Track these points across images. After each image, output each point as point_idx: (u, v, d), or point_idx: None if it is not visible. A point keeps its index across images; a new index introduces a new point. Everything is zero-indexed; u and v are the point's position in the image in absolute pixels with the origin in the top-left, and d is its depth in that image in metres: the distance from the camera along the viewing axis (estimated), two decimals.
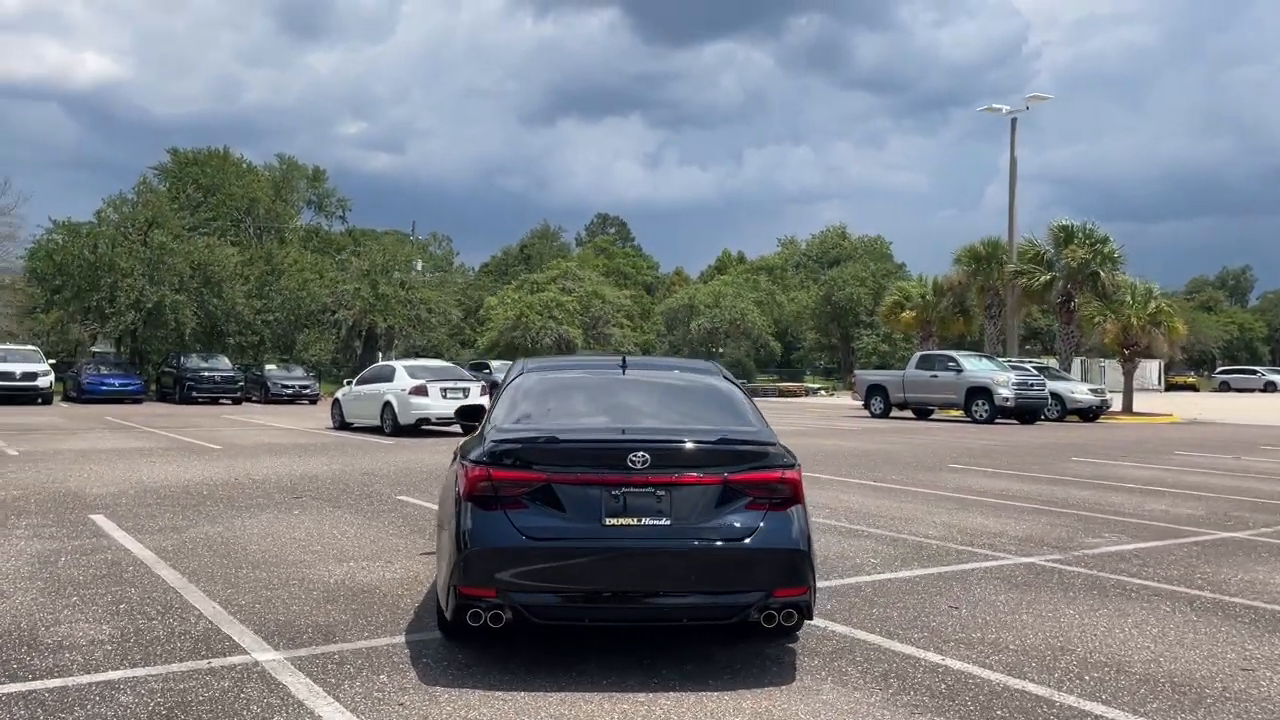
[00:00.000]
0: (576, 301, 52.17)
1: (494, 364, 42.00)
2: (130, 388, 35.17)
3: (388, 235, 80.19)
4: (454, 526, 4.92)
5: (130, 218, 40.36)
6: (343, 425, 22.34)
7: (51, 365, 34.29)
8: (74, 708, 4.36)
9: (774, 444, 5.07)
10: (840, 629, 5.87)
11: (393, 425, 20.39)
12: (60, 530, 8.74)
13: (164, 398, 36.97)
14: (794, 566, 4.85)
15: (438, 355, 44.84)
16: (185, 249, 39.28)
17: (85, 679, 4.74)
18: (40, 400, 32.59)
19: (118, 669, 4.89)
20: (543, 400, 5.65)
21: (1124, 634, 5.88)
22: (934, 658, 5.33)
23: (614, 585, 4.75)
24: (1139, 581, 7.34)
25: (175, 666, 4.95)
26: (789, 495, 4.95)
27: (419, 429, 20.41)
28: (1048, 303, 37.97)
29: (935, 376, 29.91)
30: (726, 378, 6.05)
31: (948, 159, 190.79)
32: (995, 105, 37.72)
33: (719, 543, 4.80)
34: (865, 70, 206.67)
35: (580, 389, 5.86)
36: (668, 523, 4.79)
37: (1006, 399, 28.00)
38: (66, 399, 35.12)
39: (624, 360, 6.10)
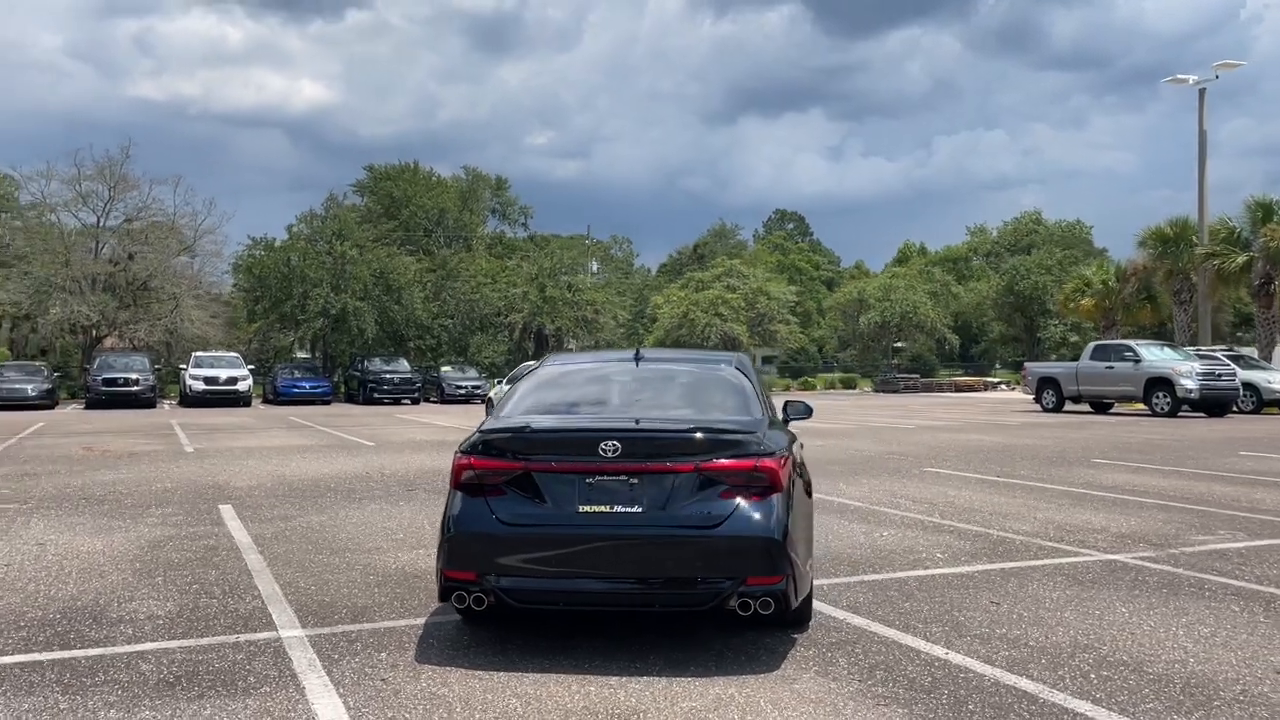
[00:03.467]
0: (741, 299, 52.10)
1: None
2: (319, 390, 37.66)
3: (570, 239, 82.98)
4: (443, 513, 5.17)
5: (319, 231, 43.16)
6: None
7: (251, 370, 37.17)
8: (98, 673, 4.85)
9: (752, 433, 5.06)
10: (858, 621, 5.78)
11: None
12: (186, 518, 9.56)
13: (350, 399, 39.39)
14: (768, 555, 4.83)
15: None
16: (367, 259, 41.69)
17: (123, 649, 5.25)
18: (241, 403, 35.35)
19: (156, 641, 5.39)
20: (548, 392, 5.84)
21: (1166, 633, 5.52)
22: (938, 651, 5.18)
23: (585, 572, 4.88)
24: (1222, 580, 6.84)
25: (207, 640, 5.41)
26: (766, 483, 4.93)
27: None
28: (1245, 286, 35.14)
29: (1111, 368, 28.25)
30: (740, 369, 6.06)
31: (1158, 136, 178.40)
32: (1180, 76, 35.21)
33: (690, 530, 4.84)
34: (1061, 47, 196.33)
35: (588, 382, 6.02)
36: (640, 510, 4.88)
37: (1190, 390, 26.15)
38: (264, 401, 37.95)
39: (638, 353, 6.22)
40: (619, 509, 4.88)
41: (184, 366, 36.90)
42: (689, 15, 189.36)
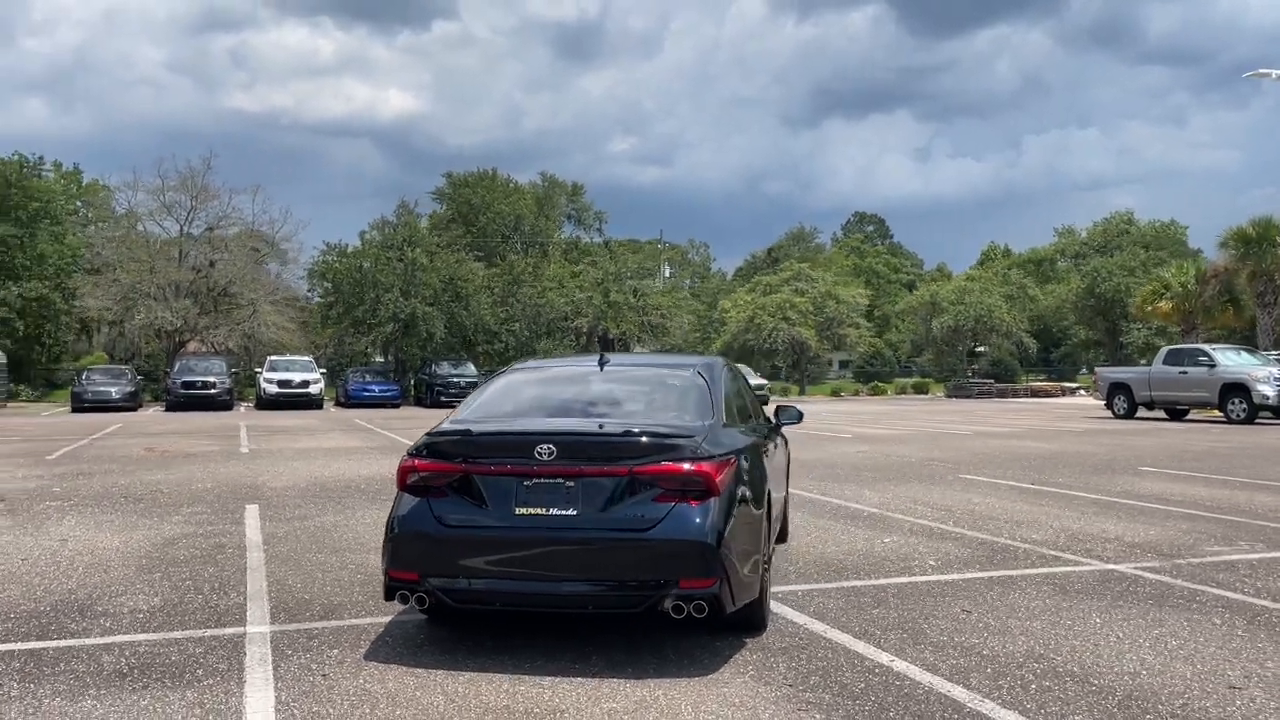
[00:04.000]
0: (810, 302, 51.63)
1: None
2: (388, 393, 38.46)
3: (646, 245, 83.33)
4: (389, 514, 5.29)
5: (390, 238, 44.10)
6: None
7: (324, 373, 38.13)
8: (60, 663, 5.08)
9: (690, 436, 5.07)
10: (816, 627, 5.74)
11: None
12: (210, 517, 9.89)
13: (419, 402, 40.14)
14: (700, 558, 4.84)
15: None
16: (436, 265, 42.46)
17: (94, 641, 5.48)
18: (313, 405, 36.27)
19: (129, 634, 5.62)
20: (505, 396, 5.94)
21: (1130, 645, 5.38)
22: (883, 659, 5.13)
23: (520, 574, 4.95)
24: (1218, 592, 6.61)
25: (177, 634, 5.62)
26: (702, 487, 4.94)
27: None
28: None
29: (1185, 373, 27.30)
30: (703, 373, 6.06)
31: (1262, 133, 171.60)
32: (1264, 70, 33.88)
33: (623, 533, 4.88)
34: (1159, 42, 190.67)
35: (546, 386, 6.10)
36: (574, 512, 4.93)
37: (1267, 396, 25.15)
38: (336, 404, 38.88)
39: (603, 358, 6.28)
40: (554, 511, 4.94)
41: (259, 370, 38.00)
42: (771, 19, 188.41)
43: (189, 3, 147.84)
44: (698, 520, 4.89)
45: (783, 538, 8.23)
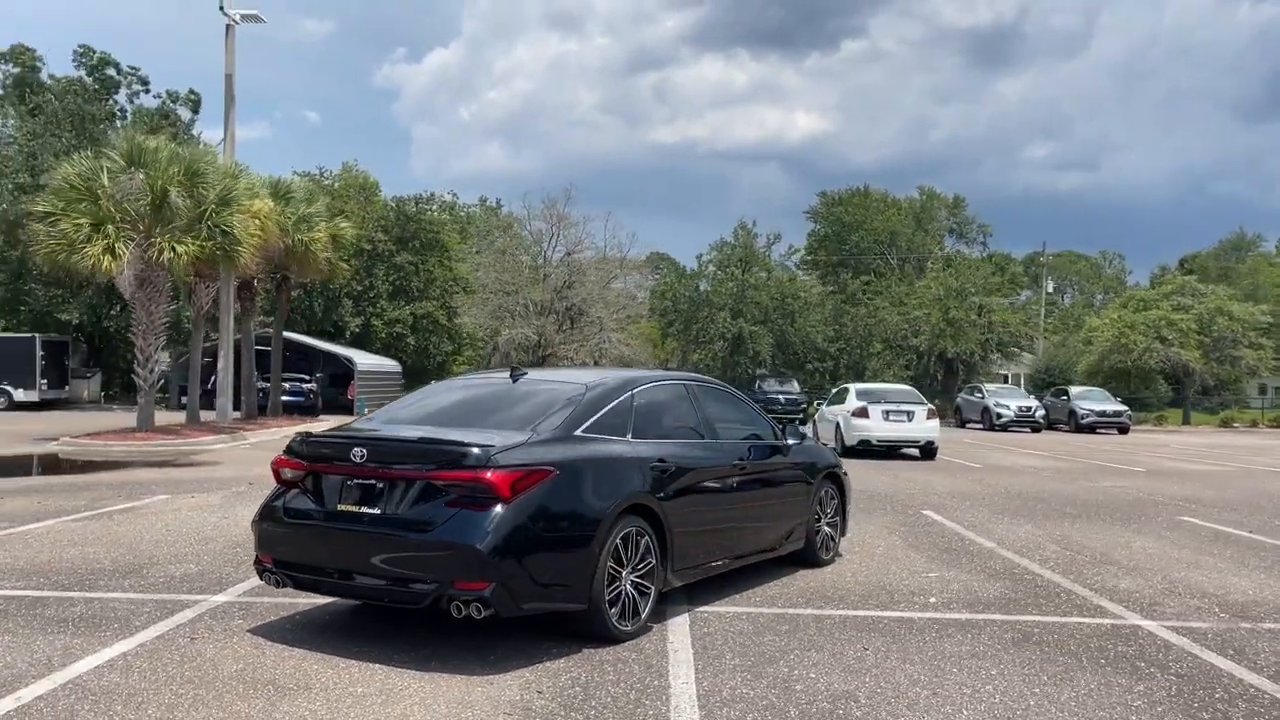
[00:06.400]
0: (1194, 320, 45.78)
1: (1073, 390, 39.17)
2: None
3: (1073, 256, 77.82)
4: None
5: (727, 258, 45.55)
6: None
7: None
8: (46, 609, 6.31)
9: (485, 447, 5.25)
10: (678, 646, 5.64)
11: (841, 446, 20.79)
12: None
13: None
14: (474, 561, 5.03)
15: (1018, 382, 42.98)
16: (768, 285, 43.24)
17: (95, 594, 6.69)
18: None
19: (126, 593, 6.78)
20: (406, 404, 6.47)
21: (965, 697, 4.78)
22: (680, 684, 4.99)
23: (335, 563, 5.43)
24: (1215, 662, 5.57)
25: (153, 596, 6.69)
26: (488, 495, 5.13)
27: (865, 450, 20.46)
28: None
29: None
30: (589, 390, 6.15)
31: None
32: None
33: (409, 533, 5.21)
34: None
35: (442, 395, 6.55)
36: (378, 511, 5.34)
37: None
38: None
39: (513, 372, 6.58)
40: (364, 509, 5.38)
41: None
42: (1218, 6, 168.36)
43: (620, 49, 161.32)
44: (475, 525, 5.09)
45: (815, 561, 7.98)
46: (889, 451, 20.61)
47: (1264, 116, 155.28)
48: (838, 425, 21.13)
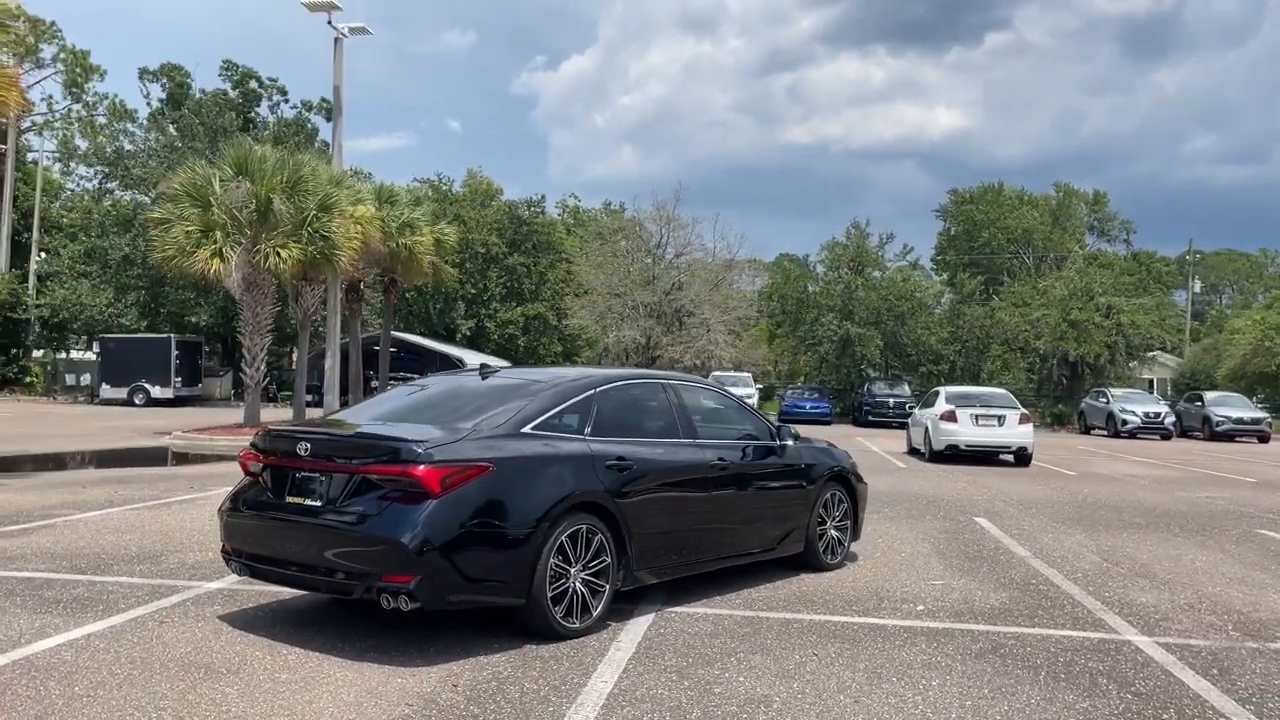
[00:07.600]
0: None
1: (1208, 395, 37.01)
2: (819, 411, 39.13)
3: (1231, 255, 73.45)
4: None
5: (837, 259, 44.77)
6: (910, 450, 22.57)
7: (760, 389, 39.90)
8: (51, 590, 6.69)
9: (419, 442, 5.32)
10: (625, 649, 5.59)
11: (929, 451, 20.20)
12: None
13: (854, 421, 40.19)
14: (398, 555, 5.10)
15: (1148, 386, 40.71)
16: (878, 285, 42.30)
17: (98, 578, 7.05)
18: None
19: (133, 577, 7.13)
20: (378, 402, 6.61)
21: (921, 704, 4.62)
22: (603, 684, 4.95)
23: (283, 554, 5.59)
24: (1203, 693, 5.21)
25: (158, 581, 7.02)
26: (417, 490, 5.20)
27: (954, 455, 19.79)
28: None
29: None
30: (544, 388, 6.17)
31: None
32: None
33: (342, 526, 5.33)
34: None
35: (413, 392, 6.65)
36: (319, 504, 5.47)
37: None
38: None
39: (483, 369, 6.65)
40: (308, 502, 5.53)
41: None
42: None
43: (754, 49, 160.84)
44: (403, 520, 5.17)
45: (818, 565, 7.81)
46: (984, 457, 19.89)
47: None
48: (926, 429, 20.52)
